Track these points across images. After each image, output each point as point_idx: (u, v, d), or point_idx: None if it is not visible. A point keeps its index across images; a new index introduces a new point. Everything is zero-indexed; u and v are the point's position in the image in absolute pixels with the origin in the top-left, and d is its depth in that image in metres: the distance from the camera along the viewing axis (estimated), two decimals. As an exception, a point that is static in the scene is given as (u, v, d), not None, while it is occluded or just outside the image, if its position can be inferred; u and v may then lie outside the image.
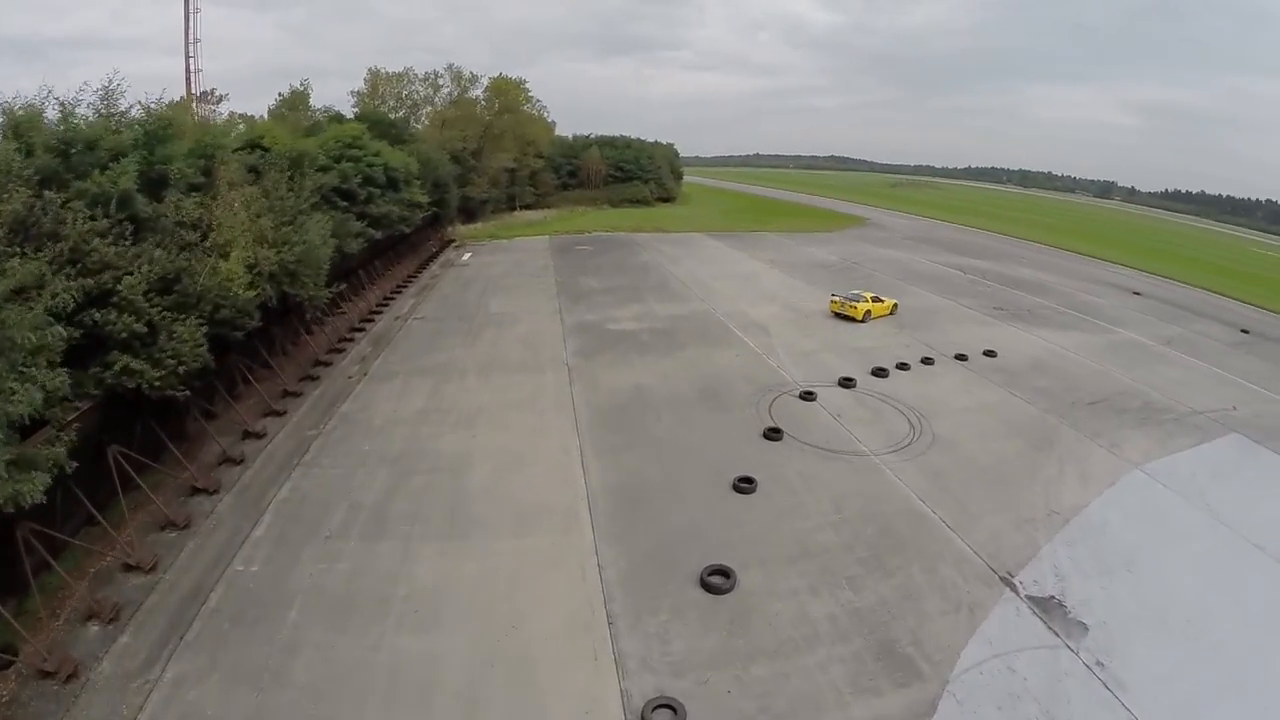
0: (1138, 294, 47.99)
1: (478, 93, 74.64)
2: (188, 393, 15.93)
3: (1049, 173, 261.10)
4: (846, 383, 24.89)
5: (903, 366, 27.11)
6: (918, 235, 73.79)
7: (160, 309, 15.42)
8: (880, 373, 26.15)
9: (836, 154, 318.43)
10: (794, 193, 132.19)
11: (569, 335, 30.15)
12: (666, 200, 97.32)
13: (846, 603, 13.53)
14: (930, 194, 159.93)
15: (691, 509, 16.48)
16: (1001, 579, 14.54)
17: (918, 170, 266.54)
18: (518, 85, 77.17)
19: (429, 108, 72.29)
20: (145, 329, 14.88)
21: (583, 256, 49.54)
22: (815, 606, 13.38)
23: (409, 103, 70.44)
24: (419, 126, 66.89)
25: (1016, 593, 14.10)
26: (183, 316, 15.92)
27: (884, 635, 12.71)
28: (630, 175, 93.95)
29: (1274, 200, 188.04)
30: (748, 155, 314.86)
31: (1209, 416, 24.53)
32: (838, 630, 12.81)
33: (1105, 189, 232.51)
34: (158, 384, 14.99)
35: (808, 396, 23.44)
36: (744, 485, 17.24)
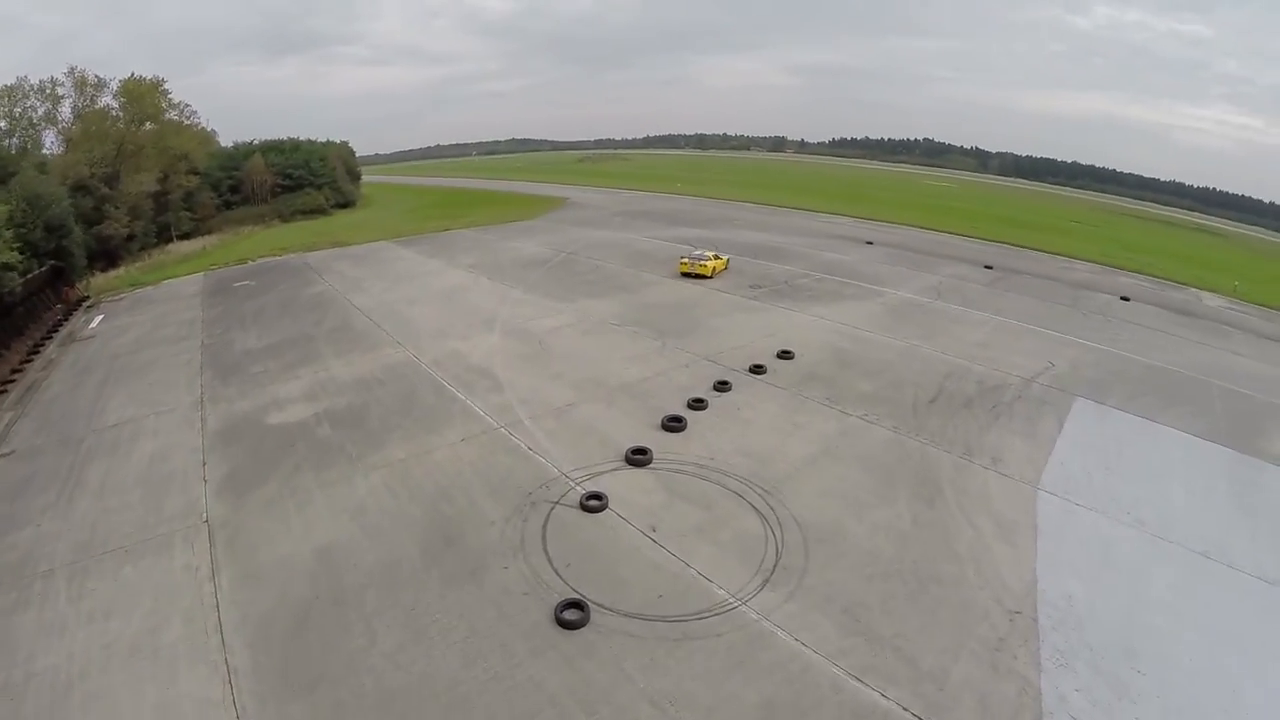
0: (870, 243, 50.07)
1: (108, 100, 63.14)
2: None
3: (724, 134, 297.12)
4: (638, 458, 18.36)
5: (698, 404, 21.55)
6: (625, 210, 73.29)
7: None
8: (674, 424, 20.14)
9: (518, 136, 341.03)
10: (481, 179, 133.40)
11: (211, 451, 19.89)
12: (345, 206, 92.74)
13: None
14: (618, 165, 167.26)
15: None
16: (1037, 791, 9.42)
17: (600, 144, 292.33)
18: (154, 87, 66.57)
19: (53, 127, 60.84)
20: None
21: (241, 298, 39.85)
22: None
23: (24, 123, 58.77)
24: (49, 153, 58.21)
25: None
26: None
27: None
28: (301, 182, 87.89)
29: (930, 139, 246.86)
30: (429, 147, 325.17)
31: (1042, 384, 24.31)
32: None
33: (778, 143, 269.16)
34: None
35: (593, 503, 16.24)
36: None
